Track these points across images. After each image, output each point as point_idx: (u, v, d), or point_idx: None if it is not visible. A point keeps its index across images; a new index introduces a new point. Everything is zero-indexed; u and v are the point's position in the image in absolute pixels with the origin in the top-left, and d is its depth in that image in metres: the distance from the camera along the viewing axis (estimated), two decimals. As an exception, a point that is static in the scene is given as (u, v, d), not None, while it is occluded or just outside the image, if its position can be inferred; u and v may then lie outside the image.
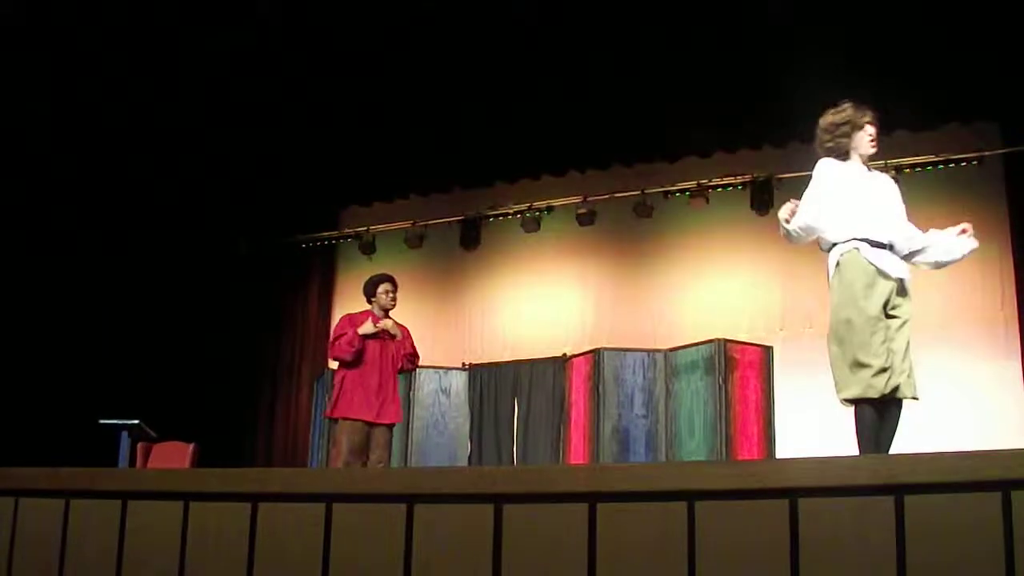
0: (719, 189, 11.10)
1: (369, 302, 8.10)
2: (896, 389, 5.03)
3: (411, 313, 9.17)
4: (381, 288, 8.05)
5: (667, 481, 3.02)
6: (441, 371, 11.04)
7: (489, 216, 12.18)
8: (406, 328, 8.16)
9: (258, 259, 13.09)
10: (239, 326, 12.76)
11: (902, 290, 5.20)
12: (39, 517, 4.42)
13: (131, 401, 10.20)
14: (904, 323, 5.17)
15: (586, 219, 11.55)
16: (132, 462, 9.46)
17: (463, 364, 11.39)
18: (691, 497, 2.96)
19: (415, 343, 8.23)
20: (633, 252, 11.77)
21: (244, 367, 12.88)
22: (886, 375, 4.99)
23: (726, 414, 9.35)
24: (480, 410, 11.00)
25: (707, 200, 11.08)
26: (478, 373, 11.20)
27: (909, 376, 5.10)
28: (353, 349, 7.86)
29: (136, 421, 9.60)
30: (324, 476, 4.03)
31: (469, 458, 10.82)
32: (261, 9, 9.57)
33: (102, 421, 9.67)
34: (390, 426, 8.00)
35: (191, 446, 9.49)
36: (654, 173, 11.30)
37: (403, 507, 3.36)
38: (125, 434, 9.64)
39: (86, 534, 4.21)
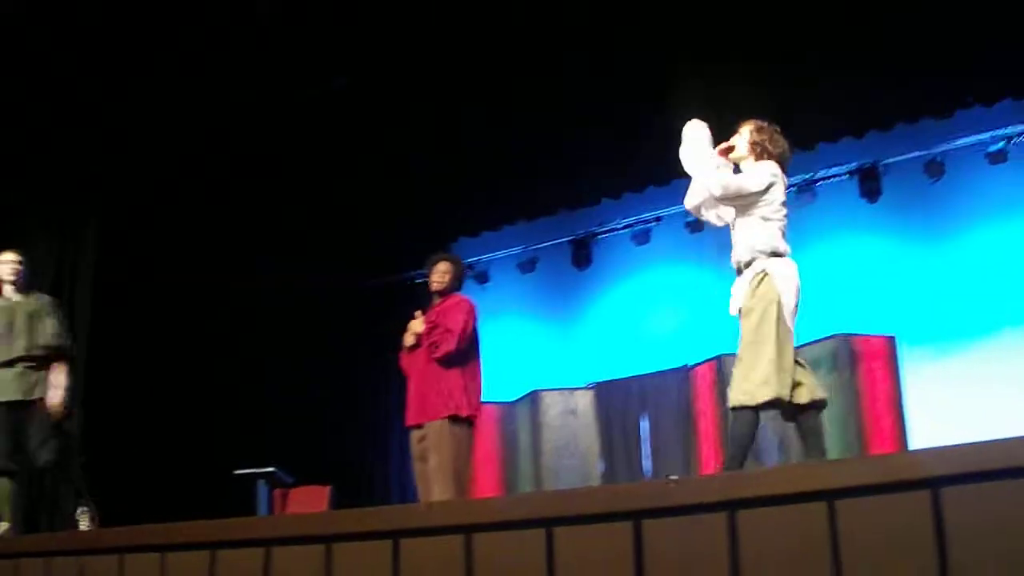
0: (825, 181, 10.97)
1: None
2: None
3: (530, 336, 9.20)
4: None
5: (804, 482, 3.00)
6: (567, 392, 11.04)
7: (598, 234, 12.19)
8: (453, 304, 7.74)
9: (376, 297, 13.24)
10: (361, 364, 12.89)
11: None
12: (185, 571, 4.52)
13: (262, 449, 10.36)
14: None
15: (696, 227, 11.48)
16: (271, 509, 9.59)
17: (588, 384, 11.37)
18: (830, 496, 2.93)
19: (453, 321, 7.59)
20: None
21: (371, 404, 12.99)
22: None
23: (855, 410, 9.20)
24: (609, 428, 10.96)
25: (814, 194, 10.95)
26: (603, 391, 11.17)
27: None
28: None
29: (271, 468, 9.75)
30: (462, 507, 4.05)
31: (602, 477, 10.79)
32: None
33: (237, 472, 9.84)
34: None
35: (327, 488, 9.57)
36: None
37: (542, 532, 3.38)
38: (262, 482, 9.81)
39: (234, 584, 4.30)
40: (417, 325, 7.72)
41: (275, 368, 12.24)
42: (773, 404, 5.23)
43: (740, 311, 5.50)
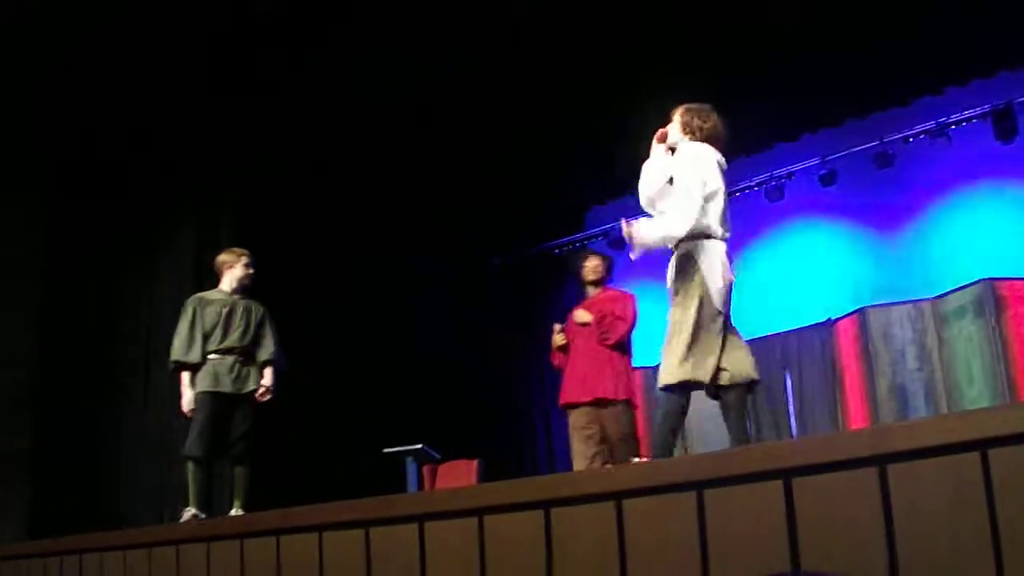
0: (958, 125, 10.74)
1: None
2: None
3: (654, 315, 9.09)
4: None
5: (955, 433, 2.96)
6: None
7: (731, 193, 12.07)
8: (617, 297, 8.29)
9: (513, 270, 13.34)
10: (502, 338, 13.00)
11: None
12: (342, 549, 4.63)
13: (408, 427, 10.51)
14: None
15: (828, 179, 11.35)
16: (420, 486, 9.72)
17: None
18: (983, 446, 2.89)
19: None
20: (880, 204, 11.49)
21: (513, 377, 13.11)
22: None
23: (1004, 356, 9.01)
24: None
25: (948, 138, 10.73)
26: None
27: None
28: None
29: (419, 446, 9.88)
30: (612, 475, 4.09)
31: (749, 437, 10.72)
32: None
33: (386, 450, 10.00)
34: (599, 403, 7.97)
35: (475, 462, 9.66)
36: (889, 121, 10.98)
37: (693, 495, 3.40)
38: (410, 459, 9.94)
39: (388, 560, 4.39)
40: (584, 315, 8.15)
41: (419, 347, 12.39)
42: (689, 385, 5.39)
43: (669, 291, 5.55)
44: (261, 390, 7.56)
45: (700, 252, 5.46)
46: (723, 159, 5.70)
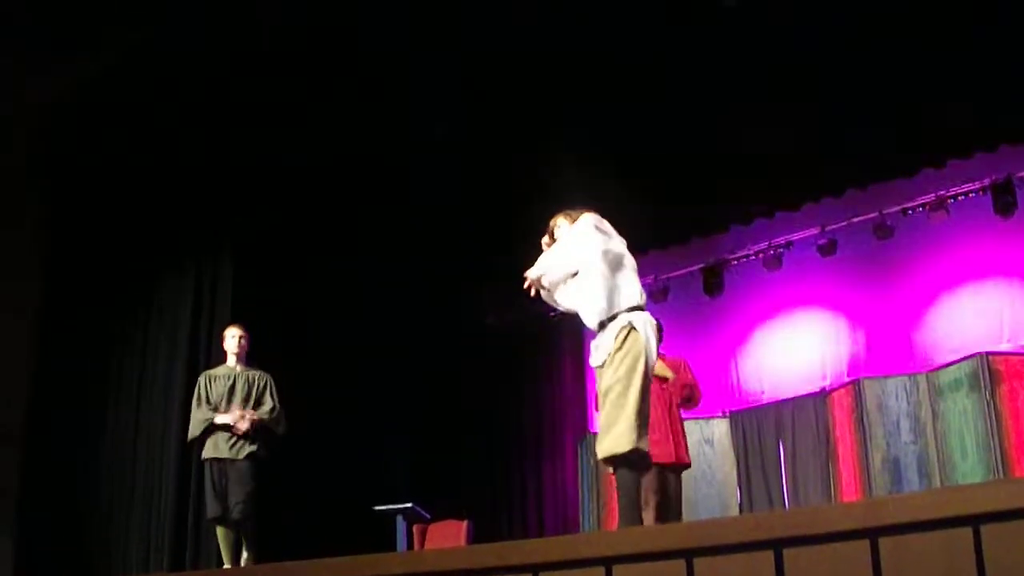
0: (958, 198, 10.78)
1: None
2: None
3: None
4: None
5: (948, 507, 2.95)
6: (702, 421, 11.00)
7: (730, 260, 12.13)
8: (680, 361, 8.36)
9: (505, 330, 13.32)
10: (495, 398, 12.98)
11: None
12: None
13: (398, 485, 10.47)
14: None
15: (827, 249, 11.37)
16: (410, 545, 9.67)
17: (723, 412, 11.30)
18: (975, 521, 2.88)
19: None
20: (878, 275, 11.51)
21: (506, 438, 13.07)
22: None
23: (998, 430, 9.00)
24: (746, 455, 10.89)
25: (947, 212, 10.76)
26: (739, 418, 11.11)
27: None
28: None
29: (409, 504, 9.85)
30: (602, 539, 4.06)
31: (740, 506, 10.71)
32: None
33: (376, 508, 9.96)
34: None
35: (465, 523, 9.63)
36: (889, 192, 11.03)
37: (682, 563, 3.38)
38: (400, 518, 9.90)
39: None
40: (665, 370, 8.09)
41: (411, 404, 12.38)
42: (634, 454, 5.29)
43: (604, 363, 5.50)
44: (240, 419, 8.07)
45: (640, 323, 5.53)
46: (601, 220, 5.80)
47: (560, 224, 6.00)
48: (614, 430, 5.31)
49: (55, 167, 11.11)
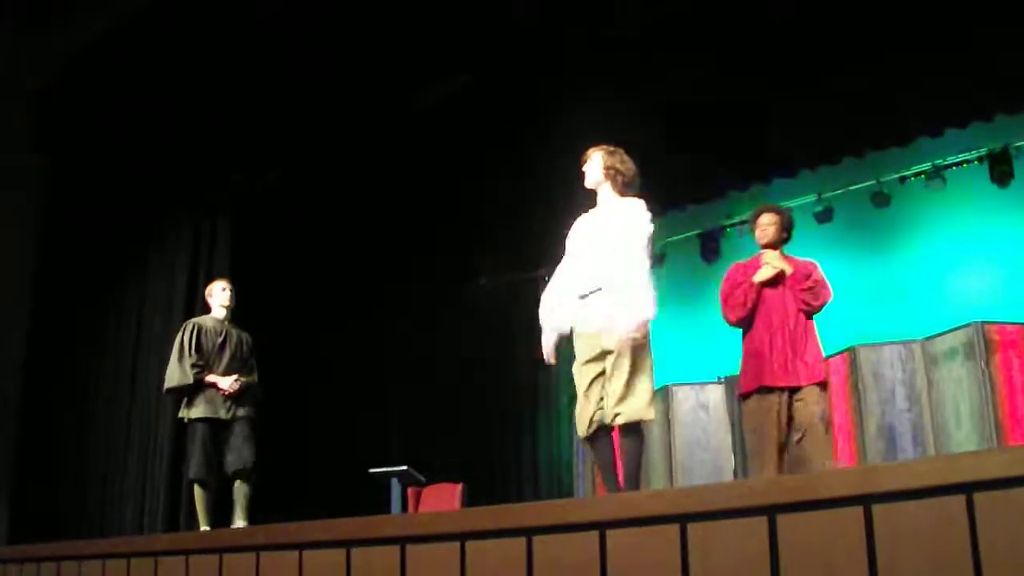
0: (955, 167, 10.78)
1: None
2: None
3: (662, 329, 9.04)
4: None
5: (941, 475, 2.95)
6: (697, 387, 10.99)
7: (727, 227, 12.12)
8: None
9: (500, 294, 13.31)
10: (488, 362, 12.97)
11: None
12: (323, 568, 4.60)
13: (394, 448, 10.48)
14: None
15: (823, 217, 11.37)
16: (404, 508, 9.70)
17: (718, 378, 11.30)
18: (969, 489, 2.88)
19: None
20: (875, 243, 11.51)
21: (501, 401, 13.07)
22: None
23: (992, 399, 9.00)
24: (740, 422, 10.88)
25: (944, 180, 10.78)
26: (734, 384, 11.10)
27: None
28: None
29: (404, 467, 9.87)
30: (595, 504, 4.07)
31: (735, 472, 10.72)
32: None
33: (372, 471, 9.99)
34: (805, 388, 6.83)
35: (459, 486, 9.66)
36: (887, 160, 11.02)
37: (676, 527, 3.38)
38: (395, 481, 9.93)
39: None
40: (771, 268, 7.38)
41: (409, 369, 12.38)
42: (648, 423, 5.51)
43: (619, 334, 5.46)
44: (233, 384, 7.86)
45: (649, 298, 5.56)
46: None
47: (592, 157, 5.97)
48: (633, 400, 5.38)
49: (53, 125, 11.07)
